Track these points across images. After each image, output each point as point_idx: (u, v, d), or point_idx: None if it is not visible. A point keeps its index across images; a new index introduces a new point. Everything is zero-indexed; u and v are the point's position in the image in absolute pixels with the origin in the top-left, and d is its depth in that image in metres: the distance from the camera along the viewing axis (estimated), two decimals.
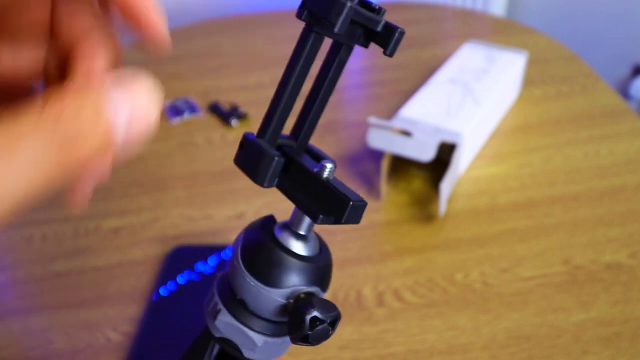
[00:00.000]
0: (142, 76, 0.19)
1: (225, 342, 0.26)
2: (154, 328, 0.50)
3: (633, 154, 0.66)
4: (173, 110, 0.79)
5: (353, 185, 0.64)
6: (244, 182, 0.28)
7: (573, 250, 0.55)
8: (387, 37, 0.23)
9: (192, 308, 0.50)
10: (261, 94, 0.81)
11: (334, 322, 0.23)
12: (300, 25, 0.23)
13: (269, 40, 0.95)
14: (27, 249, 0.59)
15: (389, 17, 0.22)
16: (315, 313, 0.23)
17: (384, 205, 0.61)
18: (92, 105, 0.17)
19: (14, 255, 0.59)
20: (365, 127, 0.74)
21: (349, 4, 0.21)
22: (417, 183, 0.64)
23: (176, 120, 0.78)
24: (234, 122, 0.75)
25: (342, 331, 0.49)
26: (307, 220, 0.25)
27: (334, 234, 0.58)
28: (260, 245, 0.25)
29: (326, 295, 0.26)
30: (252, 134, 0.24)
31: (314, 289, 0.25)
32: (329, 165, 0.23)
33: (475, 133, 0.64)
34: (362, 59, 0.88)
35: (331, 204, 0.23)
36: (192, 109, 0.80)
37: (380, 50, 0.23)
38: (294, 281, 0.24)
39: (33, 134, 0.16)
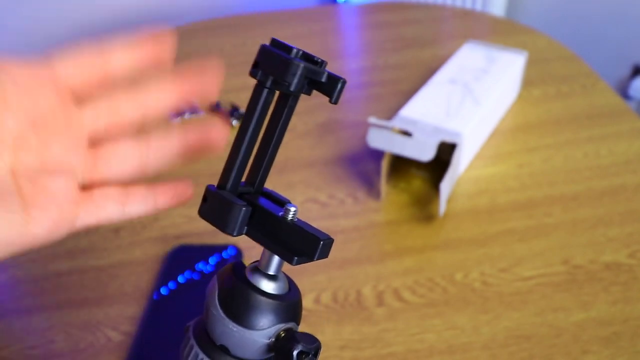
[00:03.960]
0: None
1: None
2: (155, 327, 0.50)
3: (633, 154, 0.66)
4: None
5: (353, 185, 0.64)
6: None
7: (573, 250, 0.55)
8: (331, 87, 0.25)
9: (192, 307, 0.51)
10: None
11: (316, 353, 0.25)
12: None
13: (269, 40, 0.95)
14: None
15: (389, 16, 0.22)
16: (301, 347, 0.24)
17: (384, 205, 0.61)
18: None
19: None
20: (365, 127, 0.74)
21: (302, 65, 0.23)
22: (417, 183, 0.64)
23: (177, 121, 0.78)
24: (235, 122, 0.76)
25: (342, 331, 0.49)
26: (275, 261, 0.26)
27: (334, 235, 0.58)
28: (237, 291, 0.26)
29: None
30: (214, 186, 0.26)
31: (291, 325, 0.26)
32: (292, 209, 0.25)
33: (475, 133, 0.64)
34: (362, 59, 0.88)
35: (302, 245, 0.25)
36: (193, 109, 0.80)
37: (380, 50, 0.23)
38: (274, 320, 0.25)
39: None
